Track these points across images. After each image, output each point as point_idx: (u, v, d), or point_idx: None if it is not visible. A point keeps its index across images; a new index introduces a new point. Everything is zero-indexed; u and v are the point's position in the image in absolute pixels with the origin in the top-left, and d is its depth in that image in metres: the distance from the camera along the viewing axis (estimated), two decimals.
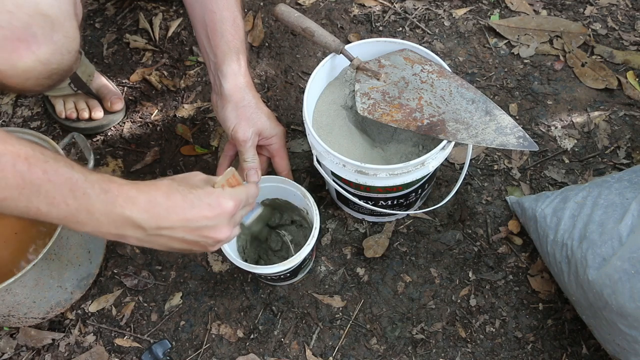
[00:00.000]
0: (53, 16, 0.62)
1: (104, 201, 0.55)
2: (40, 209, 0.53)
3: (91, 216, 0.55)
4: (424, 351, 0.86)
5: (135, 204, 0.57)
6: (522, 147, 0.72)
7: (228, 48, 0.80)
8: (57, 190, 0.53)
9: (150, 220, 0.57)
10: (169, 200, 0.59)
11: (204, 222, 0.61)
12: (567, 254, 0.77)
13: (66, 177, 0.53)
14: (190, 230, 0.60)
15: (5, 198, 0.51)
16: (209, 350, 0.88)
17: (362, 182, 0.76)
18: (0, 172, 0.50)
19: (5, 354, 0.89)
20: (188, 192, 0.60)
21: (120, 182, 0.57)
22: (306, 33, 0.83)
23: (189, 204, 0.60)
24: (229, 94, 0.81)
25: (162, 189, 0.59)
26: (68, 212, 0.54)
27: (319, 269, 0.93)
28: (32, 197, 0.52)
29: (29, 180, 0.52)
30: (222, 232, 0.63)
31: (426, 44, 1.15)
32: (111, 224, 0.56)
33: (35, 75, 0.64)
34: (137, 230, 0.58)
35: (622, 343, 0.71)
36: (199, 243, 0.63)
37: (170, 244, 0.61)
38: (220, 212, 0.62)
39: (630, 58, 1.09)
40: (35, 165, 0.52)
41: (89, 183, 0.54)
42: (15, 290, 0.77)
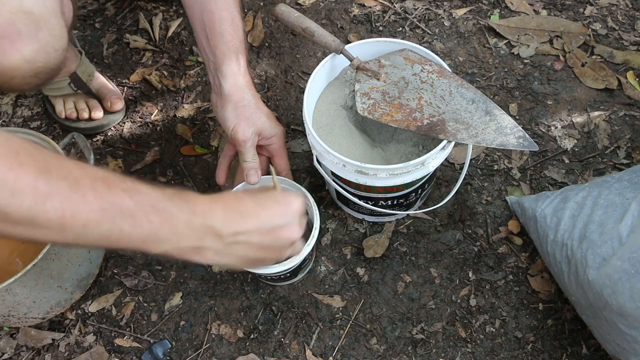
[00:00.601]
0: (37, 14, 0.62)
1: (186, 211, 0.54)
2: (124, 230, 0.51)
3: (174, 230, 0.53)
4: (424, 351, 0.86)
5: (213, 210, 0.56)
6: (522, 147, 0.72)
7: (227, 48, 0.80)
8: (140, 207, 0.51)
9: (227, 226, 0.57)
10: (242, 205, 0.59)
11: (277, 220, 0.61)
12: (567, 254, 0.77)
13: (146, 193, 0.52)
14: (266, 232, 0.60)
15: (88, 223, 0.49)
16: (209, 350, 0.88)
17: (362, 182, 0.76)
18: (82, 196, 0.48)
19: (5, 354, 0.89)
20: (255, 197, 0.61)
21: (195, 194, 0.56)
22: (306, 33, 0.83)
23: (261, 206, 0.60)
24: (229, 93, 0.81)
25: (232, 197, 0.60)
26: (151, 229, 0.52)
27: (319, 269, 0.93)
28: (115, 218, 0.50)
29: (111, 201, 0.50)
30: (295, 231, 0.63)
31: (426, 44, 1.15)
32: (192, 235, 0.55)
33: (20, 73, 0.63)
34: (216, 239, 0.57)
35: (622, 343, 0.71)
36: (273, 247, 0.62)
37: (247, 253, 0.60)
38: (290, 210, 0.62)
39: (630, 58, 1.09)
40: (115, 186, 0.51)
41: (167, 197, 0.53)
42: (15, 290, 0.77)
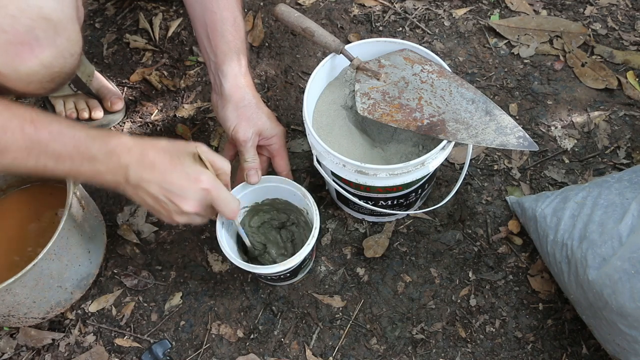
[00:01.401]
0: (56, 20, 0.63)
1: (104, 152, 0.62)
2: (47, 166, 0.60)
3: (93, 166, 0.63)
4: (424, 351, 0.86)
5: (130, 153, 0.64)
6: (522, 147, 0.72)
7: (228, 48, 0.80)
8: (63, 147, 0.60)
9: (135, 171, 0.64)
10: (157, 157, 0.65)
11: (176, 188, 0.66)
12: (567, 254, 0.77)
13: (70, 135, 0.61)
14: (163, 190, 0.66)
15: (16, 158, 0.59)
16: (209, 350, 0.88)
17: (362, 182, 0.76)
18: (10, 134, 0.57)
19: (5, 354, 0.89)
20: (176, 157, 0.67)
21: (119, 134, 0.65)
22: (306, 33, 0.83)
23: (171, 167, 0.66)
24: (229, 93, 0.81)
25: (157, 146, 0.66)
26: (72, 165, 0.62)
27: (319, 269, 0.93)
28: (40, 156, 0.59)
29: (37, 141, 0.59)
30: (188, 205, 0.67)
31: (426, 44, 1.15)
32: (109, 171, 0.64)
33: (38, 79, 0.64)
34: (126, 176, 0.65)
35: (622, 343, 0.71)
36: (167, 207, 0.68)
37: (145, 198, 0.67)
38: (194, 186, 0.67)
39: (630, 58, 1.09)
40: (41, 127, 0.59)
41: (90, 138, 0.62)
42: (15, 290, 0.77)
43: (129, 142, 0.65)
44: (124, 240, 0.98)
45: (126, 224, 0.99)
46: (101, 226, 0.94)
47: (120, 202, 1.01)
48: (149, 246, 0.97)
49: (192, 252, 0.96)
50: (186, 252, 0.96)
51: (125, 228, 0.98)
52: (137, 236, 0.98)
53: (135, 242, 0.97)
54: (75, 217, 0.83)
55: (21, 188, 0.96)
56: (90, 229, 0.88)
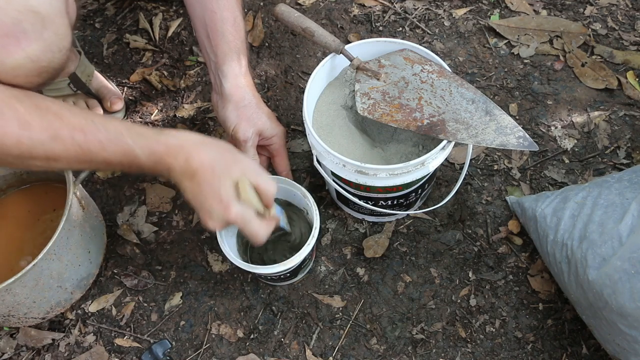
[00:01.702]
0: (44, 13, 0.62)
1: (152, 161, 0.65)
2: (100, 169, 0.68)
3: (140, 169, 0.66)
4: (424, 351, 0.86)
5: (176, 159, 0.65)
6: (522, 147, 0.72)
7: (229, 48, 0.80)
8: (113, 156, 0.62)
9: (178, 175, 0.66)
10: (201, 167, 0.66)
11: (206, 205, 0.67)
12: (567, 254, 0.77)
13: (119, 145, 0.62)
14: (195, 201, 0.68)
15: (69, 164, 0.62)
16: (209, 350, 0.88)
17: (362, 182, 0.76)
18: (61, 143, 0.59)
19: (5, 354, 0.89)
20: (218, 175, 0.66)
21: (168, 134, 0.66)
22: (306, 33, 0.83)
23: (209, 184, 0.66)
24: (230, 93, 0.81)
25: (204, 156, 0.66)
26: (122, 169, 0.65)
27: (319, 269, 0.93)
28: (92, 164, 0.63)
29: (87, 150, 0.61)
30: (213, 224, 0.68)
31: (426, 44, 1.15)
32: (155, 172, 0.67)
33: (24, 72, 0.63)
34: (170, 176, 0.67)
35: (622, 343, 0.71)
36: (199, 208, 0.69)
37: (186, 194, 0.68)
38: (221, 212, 0.66)
39: (630, 58, 1.09)
40: (91, 136, 0.61)
41: (138, 148, 0.63)
42: (15, 290, 0.77)
43: (177, 146, 0.65)
44: (124, 240, 0.98)
45: (126, 224, 0.99)
46: (101, 226, 0.94)
47: (121, 202, 1.01)
48: (149, 246, 0.97)
49: (192, 252, 0.96)
50: (186, 252, 0.96)
51: (125, 228, 0.98)
52: (137, 236, 0.98)
53: (135, 242, 0.97)
54: (75, 217, 0.83)
55: (21, 188, 0.96)
56: (90, 229, 0.88)
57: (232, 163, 0.67)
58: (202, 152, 0.66)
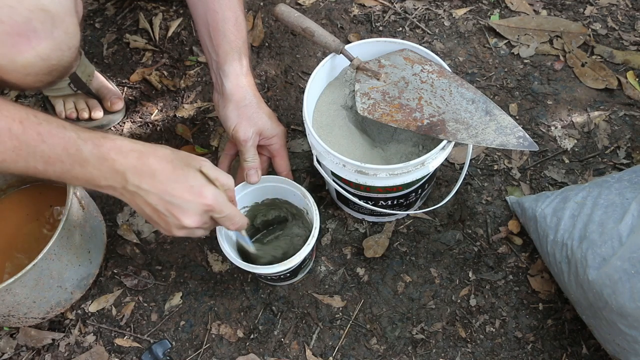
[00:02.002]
0: (54, 12, 0.62)
1: (96, 156, 0.59)
2: (38, 168, 0.57)
3: (84, 170, 0.59)
4: (424, 351, 0.86)
5: (127, 157, 0.60)
6: (522, 147, 0.72)
7: (230, 48, 0.80)
8: (52, 149, 0.57)
9: (133, 177, 0.61)
10: (158, 166, 0.62)
11: (178, 201, 0.63)
12: (567, 254, 0.77)
13: (59, 136, 0.57)
14: (163, 202, 0.63)
15: (4, 160, 0.56)
16: (209, 350, 0.88)
17: (362, 182, 0.76)
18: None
19: (5, 354, 0.89)
20: (180, 167, 0.63)
21: (114, 137, 0.61)
22: (306, 33, 0.83)
23: (174, 178, 0.62)
24: (231, 93, 0.81)
25: (158, 154, 0.62)
26: (63, 168, 0.58)
27: (319, 269, 0.93)
28: (29, 158, 0.56)
29: (25, 142, 0.56)
30: (189, 219, 0.64)
31: (426, 44, 1.15)
32: (101, 176, 0.60)
33: (35, 71, 0.64)
34: (122, 181, 0.61)
35: (622, 343, 0.71)
36: (166, 219, 0.64)
37: (142, 207, 0.64)
38: (196, 200, 0.64)
39: (630, 58, 1.09)
40: (30, 128, 0.56)
41: (81, 140, 0.58)
42: (15, 290, 0.77)
43: (126, 146, 0.61)
44: (124, 240, 0.98)
45: (126, 224, 0.99)
46: (101, 226, 0.94)
47: (120, 202, 1.01)
48: (149, 246, 0.97)
49: (192, 252, 0.96)
50: (186, 252, 0.96)
51: (125, 228, 0.98)
52: (137, 236, 0.98)
53: (135, 242, 0.97)
54: (75, 217, 0.83)
55: (21, 188, 0.96)
56: (90, 229, 0.88)
57: (187, 157, 0.66)
58: (155, 151, 0.63)
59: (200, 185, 0.64)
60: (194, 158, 0.67)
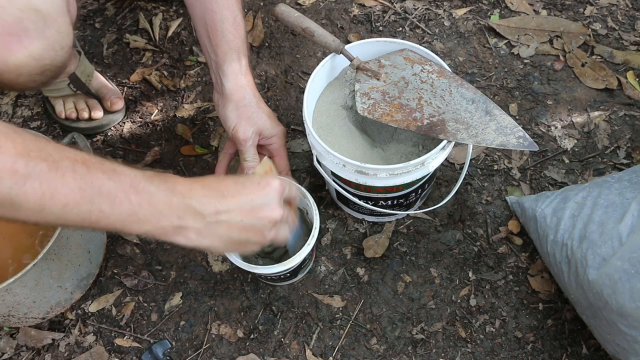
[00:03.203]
0: (45, 11, 0.62)
1: (165, 190, 0.55)
2: (103, 210, 0.52)
3: (153, 209, 0.54)
4: (424, 351, 0.86)
5: (193, 190, 0.57)
6: (522, 147, 0.72)
7: (229, 47, 0.80)
8: (119, 187, 0.53)
9: (208, 205, 0.58)
10: (222, 185, 0.60)
11: (258, 200, 0.61)
12: (567, 254, 0.77)
13: (125, 174, 0.54)
14: (247, 211, 0.60)
15: (67, 203, 0.50)
16: (209, 350, 0.88)
17: (362, 182, 0.76)
18: (61, 177, 0.49)
19: (5, 354, 0.89)
20: (237, 178, 0.63)
21: (174, 176, 0.58)
22: (306, 33, 0.83)
23: (241, 186, 0.61)
24: (230, 93, 0.81)
25: (213, 178, 0.61)
26: (130, 209, 0.53)
27: (319, 269, 0.93)
28: (94, 199, 0.51)
29: (90, 182, 0.51)
30: (275, 211, 0.63)
31: (426, 44, 1.15)
32: (172, 214, 0.56)
33: (27, 71, 0.64)
34: (197, 218, 0.57)
35: (622, 343, 0.71)
36: (255, 227, 0.62)
37: (229, 233, 0.60)
38: (270, 190, 0.63)
39: (630, 58, 1.09)
40: (94, 167, 0.52)
41: (146, 178, 0.55)
42: (15, 290, 0.77)
43: (186, 181, 0.58)
44: (124, 240, 0.98)
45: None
46: None
47: None
48: (149, 246, 0.97)
49: (192, 252, 0.96)
50: (186, 252, 0.96)
51: None
52: (137, 236, 0.98)
53: (135, 242, 0.97)
54: None
55: None
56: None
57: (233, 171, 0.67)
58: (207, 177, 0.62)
59: (261, 178, 0.63)
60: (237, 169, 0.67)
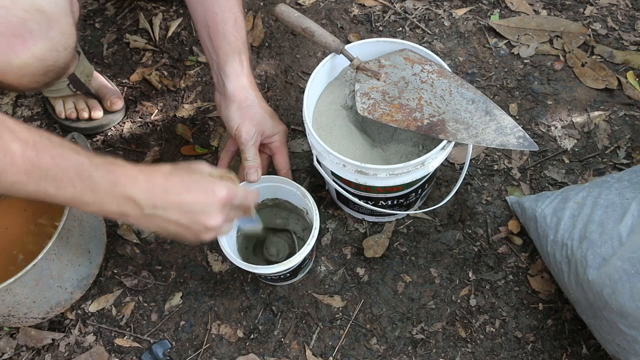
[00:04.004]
0: (49, 12, 0.62)
1: (108, 181, 0.58)
2: (49, 191, 0.56)
3: (96, 196, 0.58)
4: (424, 351, 0.86)
5: (136, 182, 0.59)
6: (522, 147, 0.72)
7: (230, 49, 0.80)
8: (64, 173, 0.56)
9: (147, 199, 0.60)
10: (167, 182, 0.61)
11: (197, 206, 0.63)
12: (567, 254, 0.77)
13: (72, 161, 0.56)
14: (184, 212, 0.62)
15: (15, 182, 0.54)
16: (209, 350, 0.88)
17: (362, 182, 0.76)
18: (10, 158, 0.53)
19: (5, 354, 0.89)
20: (186, 177, 0.63)
21: (123, 163, 0.60)
22: (306, 33, 0.83)
23: (185, 187, 0.62)
24: (233, 94, 0.82)
25: (162, 172, 0.62)
26: (74, 193, 0.57)
27: (319, 269, 0.93)
28: (40, 181, 0.55)
29: (38, 165, 0.54)
30: (213, 219, 0.64)
31: (426, 44, 1.15)
32: (113, 202, 0.59)
33: (31, 71, 0.64)
34: (136, 208, 0.60)
35: (622, 343, 0.71)
36: (191, 228, 0.64)
37: (165, 226, 0.63)
38: (213, 199, 0.63)
39: (630, 58, 1.09)
40: (43, 151, 0.55)
41: (93, 166, 0.57)
42: (15, 290, 0.77)
43: (132, 171, 0.60)
44: (124, 240, 0.98)
45: (126, 224, 0.99)
46: (101, 226, 0.94)
47: None
48: (149, 246, 0.97)
49: (192, 252, 0.96)
50: (186, 252, 0.96)
51: (125, 228, 0.98)
52: (137, 236, 0.98)
53: (135, 242, 0.97)
54: (75, 217, 0.83)
55: None
56: (90, 229, 0.88)
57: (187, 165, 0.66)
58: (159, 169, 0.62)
59: (210, 184, 0.64)
60: (193, 163, 0.67)
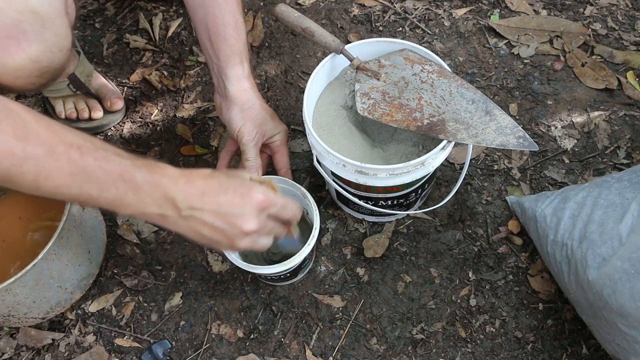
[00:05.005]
0: (43, 13, 0.62)
1: (150, 182, 0.58)
2: (91, 194, 0.56)
3: (137, 197, 0.58)
4: (424, 351, 0.86)
5: (176, 183, 0.59)
6: (522, 147, 0.72)
7: (231, 51, 0.81)
8: (108, 175, 0.56)
9: (185, 199, 0.60)
10: (205, 184, 0.61)
11: (233, 209, 0.61)
12: (567, 254, 0.77)
13: (115, 163, 0.57)
14: (219, 215, 0.61)
15: (59, 185, 0.55)
16: (209, 350, 0.88)
17: (362, 182, 0.76)
18: (55, 161, 0.53)
19: (5, 354, 0.89)
20: (225, 180, 0.62)
21: (164, 165, 0.61)
22: (306, 33, 0.83)
23: (223, 190, 0.61)
24: (234, 96, 0.82)
25: (202, 174, 0.62)
26: (116, 195, 0.57)
27: (319, 269, 0.93)
28: (84, 183, 0.56)
29: (82, 168, 0.55)
30: (248, 223, 0.62)
31: (426, 44, 1.15)
32: (154, 203, 0.59)
33: (25, 73, 0.64)
34: (175, 209, 0.60)
35: (622, 343, 0.71)
36: (226, 232, 0.62)
37: (200, 229, 0.62)
38: (248, 202, 0.62)
39: (630, 58, 1.09)
40: (87, 154, 0.55)
41: (135, 167, 0.58)
42: (15, 290, 0.77)
43: (174, 173, 0.60)
44: (124, 240, 0.98)
45: (126, 224, 0.99)
46: (101, 226, 0.94)
47: None
48: (149, 246, 0.97)
49: (192, 252, 0.96)
50: (186, 252, 0.96)
51: (125, 228, 0.98)
52: (137, 236, 0.98)
53: (135, 242, 0.97)
54: (75, 217, 0.83)
55: None
56: (90, 229, 0.88)
57: (229, 171, 0.66)
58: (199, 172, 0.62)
59: (247, 188, 0.63)
60: (234, 171, 0.67)
